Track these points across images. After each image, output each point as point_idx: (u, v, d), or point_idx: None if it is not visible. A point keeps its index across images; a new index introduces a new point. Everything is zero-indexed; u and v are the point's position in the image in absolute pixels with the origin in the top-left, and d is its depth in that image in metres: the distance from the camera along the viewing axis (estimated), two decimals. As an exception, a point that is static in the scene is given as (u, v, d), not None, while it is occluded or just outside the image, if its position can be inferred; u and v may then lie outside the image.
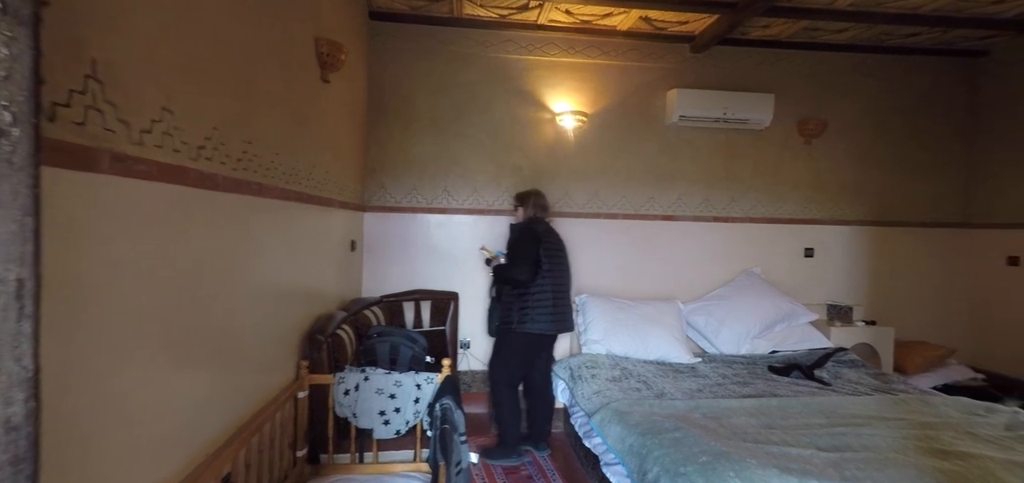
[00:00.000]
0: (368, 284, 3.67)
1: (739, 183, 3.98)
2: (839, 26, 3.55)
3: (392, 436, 2.31)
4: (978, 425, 2.21)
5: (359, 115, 3.40)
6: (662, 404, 2.46)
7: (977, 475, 1.73)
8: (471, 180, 3.78)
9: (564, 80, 3.80)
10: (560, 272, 3.05)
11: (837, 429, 2.12)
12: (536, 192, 3.19)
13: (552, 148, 3.83)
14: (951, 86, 4.10)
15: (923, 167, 4.12)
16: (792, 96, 3.94)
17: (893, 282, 4.11)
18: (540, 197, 3.17)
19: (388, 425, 2.31)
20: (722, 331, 3.64)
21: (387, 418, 2.31)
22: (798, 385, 2.92)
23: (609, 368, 3.13)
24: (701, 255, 3.99)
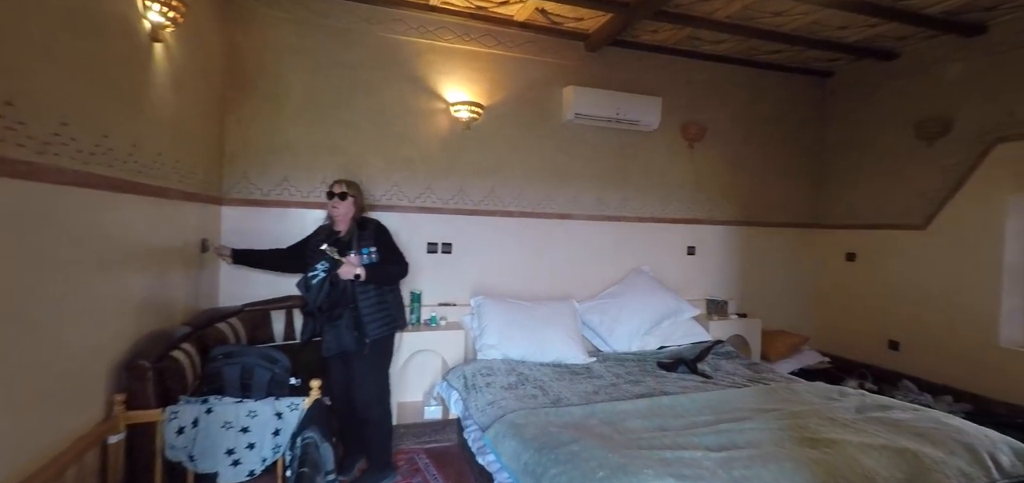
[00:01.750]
0: (227, 291, 3.12)
1: (630, 183, 4.08)
2: (718, 37, 3.77)
3: (244, 479, 1.90)
4: (835, 409, 2.40)
5: (212, 90, 2.85)
6: (559, 412, 2.34)
7: (842, 462, 1.83)
8: (355, 172, 3.38)
9: (459, 69, 3.57)
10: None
11: (722, 426, 2.16)
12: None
13: (446, 140, 3.58)
14: (804, 101, 4.60)
15: (782, 173, 4.57)
16: (676, 101, 4.12)
17: (759, 277, 4.51)
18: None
19: (238, 465, 1.90)
20: (615, 329, 3.68)
21: (237, 457, 1.90)
22: (685, 380, 3.01)
23: (505, 374, 2.97)
24: (595, 254, 4.01)
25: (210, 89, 2.81)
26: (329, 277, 2.43)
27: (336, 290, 2.45)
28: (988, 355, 3.42)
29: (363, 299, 2.49)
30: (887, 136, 4.10)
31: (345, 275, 2.43)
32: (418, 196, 3.53)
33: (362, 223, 2.63)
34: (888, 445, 1.97)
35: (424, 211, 3.53)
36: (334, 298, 2.46)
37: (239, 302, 3.03)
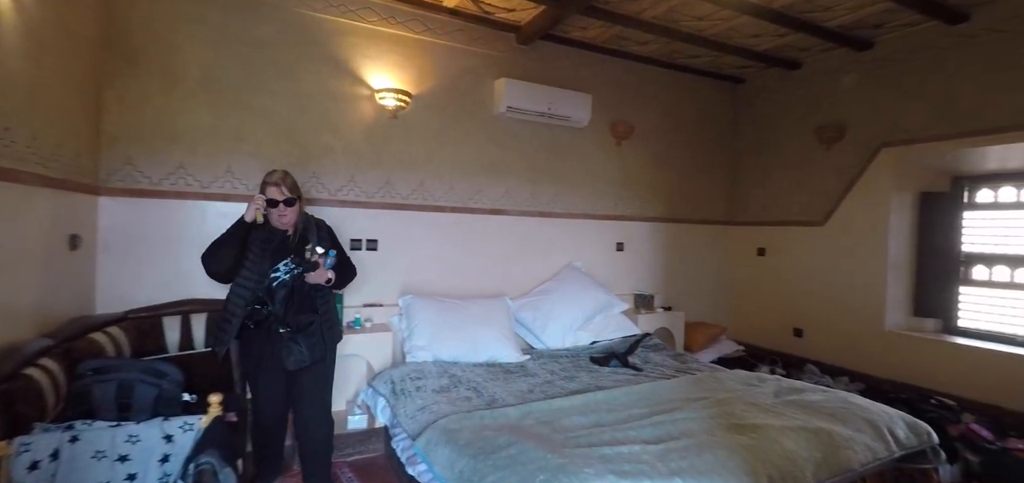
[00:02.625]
0: (107, 295, 2.67)
1: (562, 179, 4.07)
2: (644, 38, 3.86)
3: (123, 517, 1.59)
4: (756, 395, 2.51)
5: (81, 57, 2.41)
6: (494, 414, 2.23)
7: (767, 445, 1.90)
8: (267, 161, 3.04)
9: (385, 53, 3.35)
10: None
11: (657, 417, 2.17)
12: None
13: (371, 130, 3.34)
14: (720, 105, 4.88)
15: (701, 172, 4.80)
16: (606, 99, 4.18)
17: (681, 272, 4.70)
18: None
19: (116, 502, 1.59)
20: (548, 325, 3.64)
21: (115, 491, 1.59)
22: (617, 374, 3.03)
23: (437, 376, 2.81)
24: (528, 250, 3.96)
25: (79, 56, 2.37)
26: (292, 281, 2.16)
27: (296, 296, 2.18)
28: (876, 338, 3.80)
29: (324, 305, 2.25)
30: (792, 140, 4.44)
31: (316, 280, 2.16)
32: (340, 189, 3.27)
33: (310, 223, 2.31)
34: (805, 426, 2.07)
35: (347, 205, 3.27)
36: (298, 305, 2.19)
37: (122, 308, 2.60)
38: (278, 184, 2.18)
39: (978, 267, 3.59)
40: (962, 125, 3.34)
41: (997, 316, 3.47)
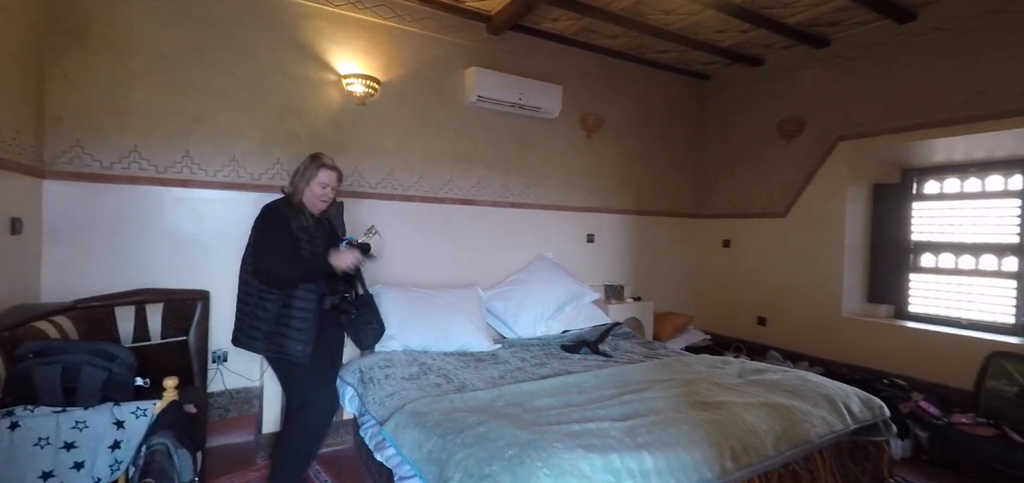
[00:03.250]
0: (53, 284, 2.53)
1: (533, 170, 4.08)
2: (613, 31, 3.91)
3: (69, 506, 1.51)
4: (720, 376, 2.58)
5: (19, 29, 2.27)
6: (464, 398, 2.22)
7: (730, 420, 1.94)
8: (227, 146, 2.95)
9: (352, 39, 3.28)
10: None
11: (625, 397, 2.19)
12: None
13: (338, 116, 3.27)
14: (688, 100, 4.99)
15: (670, 166, 4.90)
16: (576, 91, 4.21)
17: (651, 263, 4.79)
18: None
19: (60, 491, 1.51)
20: (520, 315, 3.65)
21: (59, 481, 1.51)
22: (587, 360, 3.06)
23: (406, 365, 2.77)
24: (500, 240, 3.95)
25: (15, 28, 2.23)
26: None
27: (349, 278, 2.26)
28: (834, 324, 3.95)
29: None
30: (755, 134, 4.58)
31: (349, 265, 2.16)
32: (305, 176, 3.18)
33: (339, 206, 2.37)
34: (766, 402, 2.13)
35: (313, 193, 3.19)
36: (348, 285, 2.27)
37: (71, 297, 2.47)
38: (333, 166, 2.25)
39: (926, 255, 3.78)
40: (911, 119, 3.52)
41: (943, 301, 3.66)
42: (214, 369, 2.96)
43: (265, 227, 2.12)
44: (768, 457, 1.88)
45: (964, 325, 3.50)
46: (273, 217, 2.13)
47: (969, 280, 3.54)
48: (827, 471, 2.08)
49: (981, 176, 3.52)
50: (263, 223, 2.13)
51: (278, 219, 2.12)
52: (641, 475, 1.59)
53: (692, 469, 1.67)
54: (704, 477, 1.68)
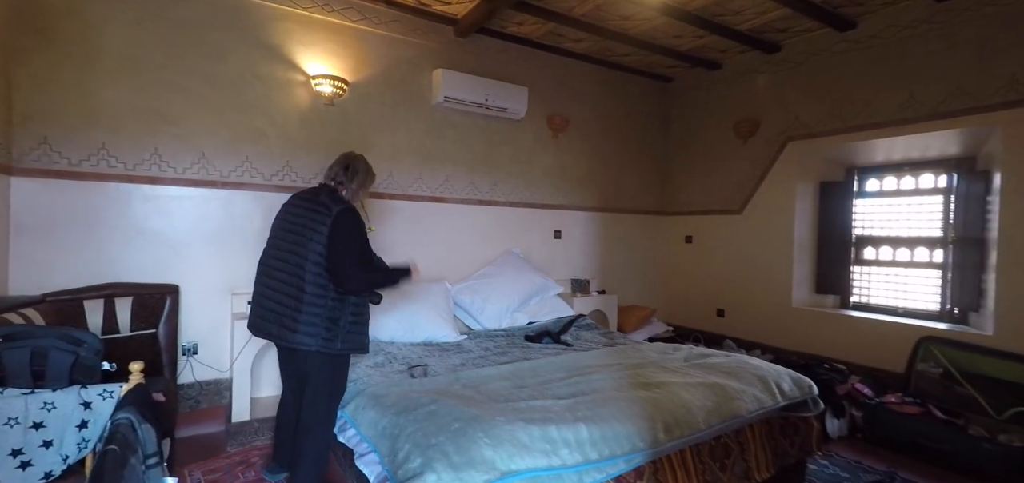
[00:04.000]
0: (21, 279, 2.58)
1: (499, 169, 4.23)
2: (577, 35, 4.08)
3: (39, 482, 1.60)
4: (668, 361, 2.75)
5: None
6: (422, 382, 2.35)
7: (667, 397, 2.11)
8: (195, 144, 3.02)
9: (320, 41, 3.38)
10: (270, 252, 2.19)
11: (574, 379, 2.34)
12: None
13: (306, 116, 3.37)
14: (651, 102, 5.19)
15: (634, 165, 5.09)
16: (542, 92, 4.37)
17: (616, 258, 4.97)
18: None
19: (30, 467, 1.60)
20: (486, 308, 3.79)
21: (28, 458, 1.60)
22: (548, 349, 3.21)
23: (373, 354, 2.88)
24: (468, 236, 4.09)
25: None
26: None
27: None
28: (785, 315, 4.19)
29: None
30: (714, 135, 4.80)
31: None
32: (275, 174, 3.27)
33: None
34: (703, 382, 2.31)
35: (282, 189, 3.27)
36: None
37: (39, 292, 2.53)
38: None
39: (868, 248, 4.03)
40: (853, 121, 3.76)
41: (882, 291, 3.92)
42: (184, 361, 3.04)
43: (358, 232, 2.10)
44: (699, 431, 2.04)
45: (899, 313, 3.75)
46: (360, 223, 2.13)
47: (904, 271, 3.80)
48: (757, 444, 2.27)
49: (915, 174, 3.78)
50: (355, 227, 2.09)
51: (363, 225, 2.15)
52: (577, 445, 1.74)
53: (625, 440, 1.82)
54: (636, 447, 1.84)
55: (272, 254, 2.18)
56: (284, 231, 2.17)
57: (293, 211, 2.20)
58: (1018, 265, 3.00)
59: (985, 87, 3.12)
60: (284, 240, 2.15)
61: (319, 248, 2.03)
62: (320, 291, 2.04)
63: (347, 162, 2.27)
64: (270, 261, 2.18)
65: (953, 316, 3.49)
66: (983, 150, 3.36)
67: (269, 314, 2.11)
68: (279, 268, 2.12)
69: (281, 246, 2.15)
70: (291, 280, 2.06)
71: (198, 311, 3.08)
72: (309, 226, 2.08)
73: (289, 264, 2.09)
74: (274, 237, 2.21)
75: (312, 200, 2.17)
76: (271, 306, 2.11)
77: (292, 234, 2.12)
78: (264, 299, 2.14)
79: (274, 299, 2.10)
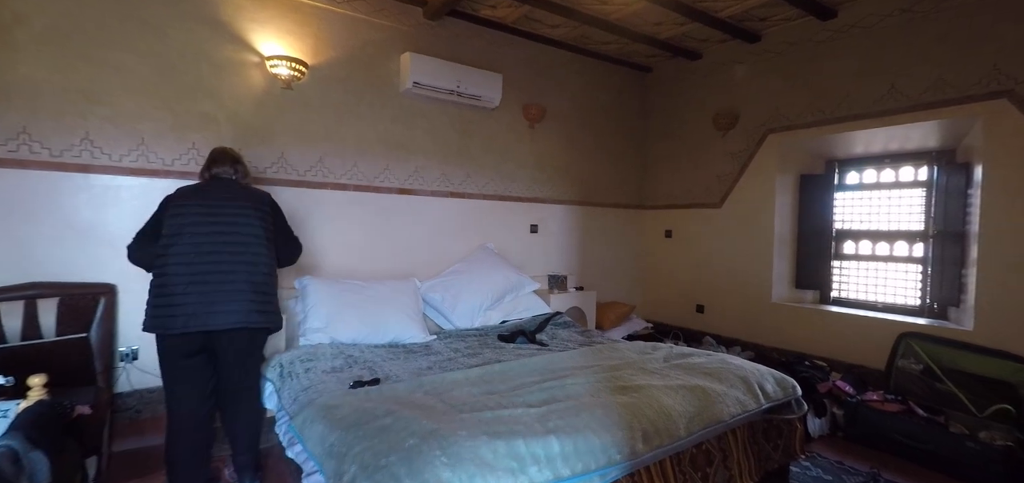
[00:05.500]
0: (-77, 279, 2.28)
1: (474, 160, 4.03)
2: (554, 20, 3.90)
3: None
4: (647, 361, 2.60)
5: None
6: (381, 390, 2.14)
7: (646, 402, 1.96)
8: (132, 129, 2.74)
9: (275, 18, 3.12)
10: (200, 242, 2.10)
11: (548, 383, 2.17)
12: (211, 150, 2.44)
13: (261, 100, 3.11)
14: (631, 92, 5.05)
15: (613, 157, 4.95)
16: (518, 81, 4.18)
17: (594, 253, 4.83)
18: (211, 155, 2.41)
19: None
20: (458, 306, 3.59)
21: None
22: (521, 349, 3.04)
23: (330, 358, 2.67)
24: (440, 231, 3.88)
25: None
26: None
27: None
28: (764, 310, 4.10)
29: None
30: (694, 127, 4.69)
31: None
32: (225, 163, 3.01)
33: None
34: (684, 385, 2.17)
35: (233, 180, 3.02)
36: None
37: (-57, 293, 2.23)
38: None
39: (848, 242, 3.97)
40: (833, 112, 3.68)
41: (863, 285, 3.86)
42: (122, 368, 2.76)
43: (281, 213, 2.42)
44: (680, 438, 1.90)
45: (879, 308, 3.70)
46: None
47: (884, 265, 3.74)
48: (739, 449, 2.14)
49: (895, 167, 3.73)
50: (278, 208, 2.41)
51: None
52: (547, 461, 1.56)
53: (600, 452, 1.66)
54: (612, 459, 1.68)
55: (206, 245, 2.12)
56: (212, 223, 2.16)
57: (214, 203, 2.21)
58: (998, 259, 2.95)
59: (966, 77, 3.06)
60: (219, 230, 2.16)
61: (260, 231, 2.23)
62: (270, 269, 2.26)
63: (236, 158, 2.42)
64: (206, 252, 2.11)
65: (933, 311, 3.44)
66: (963, 142, 3.31)
67: (215, 303, 2.08)
68: (224, 256, 2.14)
69: (218, 236, 2.15)
70: (242, 264, 2.16)
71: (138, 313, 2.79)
72: (243, 213, 2.22)
73: (236, 249, 2.16)
74: (198, 229, 2.13)
75: (228, 191, 2.28)
76: (219, 293, 2.09)
77: (227, 223, 2.18)
78: (207, 288, 2.08)
79: (223, 287, 2.10)
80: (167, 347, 2.10)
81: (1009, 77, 2.89)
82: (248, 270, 2.15)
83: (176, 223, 2.11)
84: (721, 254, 4.44)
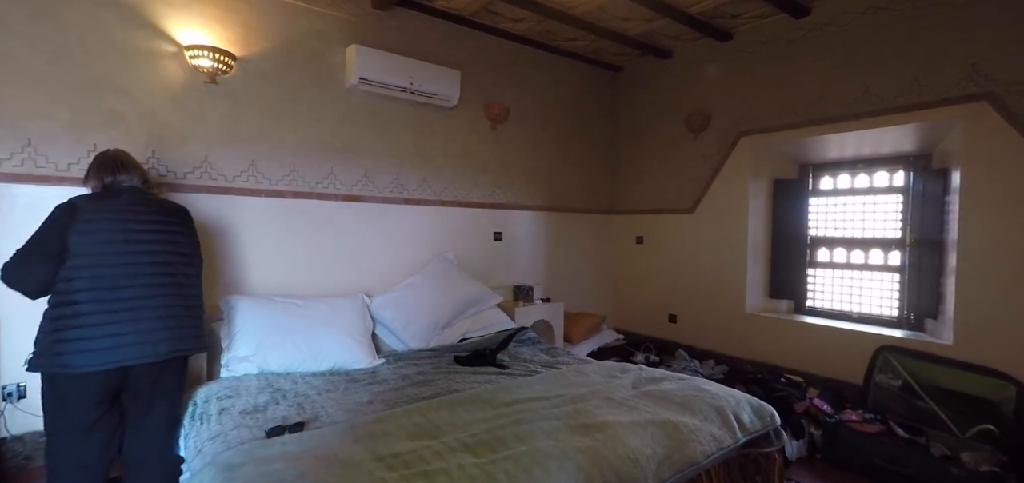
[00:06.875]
0: None
1: (430, 163, 3.72)
2: (516, 14, 3.63)
3: None
4: (615, 388, 2.36)
5: None
6: (302, 439, 1.82)
7: (609, 447, 1.71)
8: (18, 127, 2.34)
9: (195, 2, 2.75)
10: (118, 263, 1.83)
11: (499, 423, 1.90)
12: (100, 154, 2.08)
13: (180, 96, 2.73)
14: (599, 92, 4.82)
15: (581, 160, 4.71)
16: (478, 78, 3.90)
17: (562, 261, 4.58)
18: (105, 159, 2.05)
19: None
20: (411, 325, 3.27)
21: None
22: (478, 376, 2.74)
23: (255, 394, 2.32)
24: (392, 241, 3.56)
25: None
26: None
27: None
28: (738, 320, 3.92)
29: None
30: (665, 128, 4.49)
31: None
32: (137, 167, 2.62)
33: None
34: (653, 419, 1.92)
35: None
36: None
37: None
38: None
39: (822, 250, 3.82)
40: (806, 114, 3.52)
41: (838, 295, 3.72)
42: (6, 409, 2.36)
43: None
44: (648, 488, 1.65)
45: (855, 319, 3.56)
46: None
47: (859, 274, 3.60)
48: (715, 492, 1.90)
49: (869, 172, 3.59)
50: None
51: None
52: (486, 536, 1.28)
53: (553, 518, 1.39)
54: (568, 525, 1.41)
55: (127, 267, 1.85)
56: (129, 241, 1.88)
57: (129, 218, 1.91)
58: (978, 270, 2.81)
59: (944, 78, 2.92)
60: (141, 249, 1.90)
61: (184, 248, 2.06)
62: (200, 291, 2.10)
63: (137, 164, 2.10)
64: (131, 275, 1.84)
65: (910, 323, 3.31)
66: (939, 147, 3.18)
67: (137, 332, 1.81)
68: (154, 279, 1.90)
69: (140, 255, 1.89)
70: (173, 287, 1.96)
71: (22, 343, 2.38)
72: (165, 229, 2.00)
73: (162, 270, 1.93)
74: (115, 248, 1.84)
75: (144, 204, 1.99)
76: (143, 321, 1.83)
77: (145, 240, 1.92)
78: (136, 315, 1.82)
79: (149, 311, 1.85)
80: (66, 390, 1.74)
81: (988, 79, 2.76)
82: (179, 293, 1.97)
83: (87, 241, 1.79)
84: (694, 261, 4.25)
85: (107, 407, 1.84)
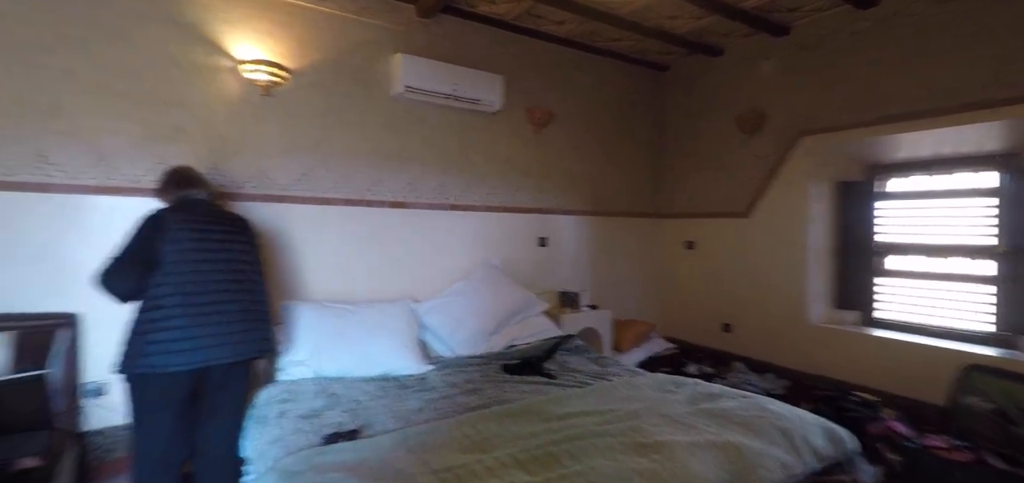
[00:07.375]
0: None
1: (474, 168, 3.71)
2: (559, 16, 3.57)
3: None
4: (670, 403, 2.25)
5: None
6: (358, 446, 1.82)
7: (671, 468, 1.62)
8: (93, 143, 2.49)
9: (251, 18, 2.85)
10: (198, 270, 1.99)
11: (551, 438, 1.84)
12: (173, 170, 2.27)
13: (237, 109, 2.84)
14: (645, 92, 4.68)
15: (627, 162, 4.58)
16: (521, 82, 3.86)
17: (609, 267, 4.46)
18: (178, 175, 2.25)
19: None
20: (459, 331, 3.26)
21: None
22: (525, 386, 2.69)
23: (312, 397, 2.37)
24: (438, 247, 3.57)
25: None
26: None
27: None
28: (800, 332, 3.69)
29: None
30: (716, 129, 4.30)
31: None
32: (198, 178, 2.74)
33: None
34: (714, 441, 1.81)
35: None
36: None
37: None
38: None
39: (891, 257, 3.54)
40: (875, 112, 3.26)
41: (910, 306, 3.43)
42: (92, 405, 2.51)
43: None
44: (713, 516, 1.54)
45: (933, 333, 3.26)
46: None
47: (939, 284, 3.30)
48: (784, 523, 1.76)
49: (948, 173, 3.30)
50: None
51: None
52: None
53: (614, 547, 1.32)
54: (630, 553, 1.33)
55: (206, 273, 2.01)
56: (203, 248, 2.04)
57: (202, 226, 2.09)
58: (1084, 279, 2.51)
59: (1039, 68, 2.63)
60: (216, 256, 2.07)
61: (252, 256, 2.21)
62: (263, 294, 2.22)
63: (203, 178, 2.28)
64: (209, 281, 2.01)
65: (1004, 341, 2.99)
66: (1034, 143, 2.87)
67: (215, 335, 1.96)
68: (226, 285, 2.06)
69: (217, 263, 2.06)
70: (244, 292, 2.12)
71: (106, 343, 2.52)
72: (233, 238, 2.16)
73: (235, 277, 2.10)
74: (195, 255, 2.00)
75: (214, 215, 2.19)
76: (219, 325, 1.98)
77: (218, 249, 2.08)
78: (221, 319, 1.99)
79: (225, 316, 2.01)
80: (153, 389, 1.88)
81: (1095, 66, 2.46)
82: (248, 298, 2.12)
83: (173, 250, 1.96)
84: (750, 269, 4.03)
85: (185, 407, 1.96)
